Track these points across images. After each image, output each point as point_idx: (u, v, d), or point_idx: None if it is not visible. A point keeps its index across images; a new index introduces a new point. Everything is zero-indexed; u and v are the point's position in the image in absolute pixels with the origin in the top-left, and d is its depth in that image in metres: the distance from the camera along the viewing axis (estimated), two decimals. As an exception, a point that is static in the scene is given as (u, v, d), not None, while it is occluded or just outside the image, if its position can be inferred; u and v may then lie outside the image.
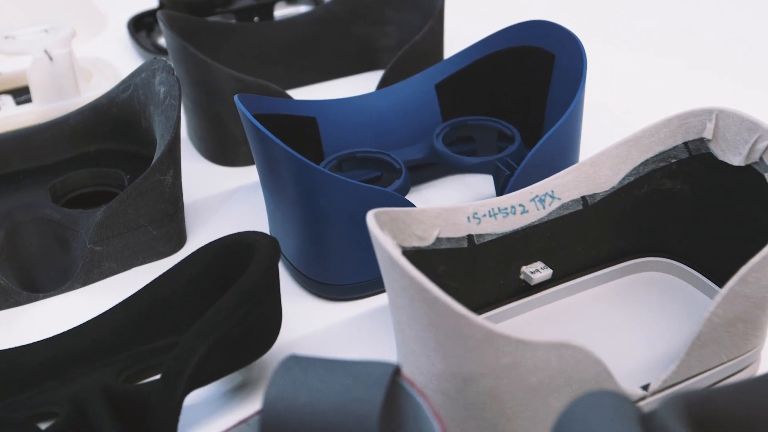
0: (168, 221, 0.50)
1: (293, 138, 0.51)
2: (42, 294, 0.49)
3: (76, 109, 0.55)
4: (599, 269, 0.46)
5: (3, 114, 0.61)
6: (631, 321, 0.44)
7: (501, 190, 0.50)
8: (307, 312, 0.47)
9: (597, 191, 0.44)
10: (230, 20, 0.72)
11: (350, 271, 0.46)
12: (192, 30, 0.63)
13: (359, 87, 0.67)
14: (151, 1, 0.82)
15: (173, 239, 0.51)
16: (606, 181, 0.44)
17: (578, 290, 0.45)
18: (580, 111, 0.49)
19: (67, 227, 0.49)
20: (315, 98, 0.54)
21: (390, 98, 0.55)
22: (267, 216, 0.51)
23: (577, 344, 0.33)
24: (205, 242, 0.43)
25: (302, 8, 0.81)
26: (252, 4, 0.73)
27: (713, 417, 0.27)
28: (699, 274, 0.45)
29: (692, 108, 0.43)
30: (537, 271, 0.43)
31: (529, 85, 0.54)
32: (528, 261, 0.43)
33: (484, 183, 0.56)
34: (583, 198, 0.43)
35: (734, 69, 0.71)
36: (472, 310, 0.40)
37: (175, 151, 0.49)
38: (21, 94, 0.65)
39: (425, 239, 0.40)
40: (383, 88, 0.56)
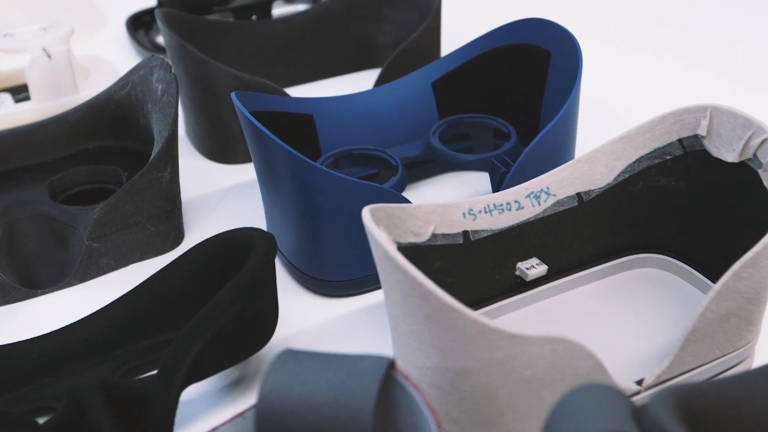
0: (166, 218, 0.51)
1: (290, 135, 0.51)
2: (40, 290, 0.49)
3: (75, 107, 0.55)
4: (594, 265, 0.46)
5: (2, 112, 0.61)
6: (626, 317, 0.44)
7: (497, 187, 0.50)
8: (304, 308, 0.47)
9: (592, 188, 0.44)
10: (228, 18, 0.73)
11: (346, 268, 0.46)
12: (190, 28, 0.63)
13: (357, 85, 0.67)
14: (150, 0, 0.82)
15: (171, 236, 0.52)
16: (601, 178, 0.44)
17: (573, 286, 0.45)
18: (576, 108, 0.49)
19: (66, 224, 0.50)
20: (313, 96, 0.54)
21: (387, 95, 0.55)
22: (264, 213, 0.51)
23: (571, 339, 0.33)
24: (203, 239, 0.44)
25: (300, 6, 0.81)
26: (250, 3, 0.73)
27: (704, 410, 0.27)
28: (693, 271, 0.45)
29: (687, 105, 0.43)
30: (532, 267, 0.43)
31: (526, 83, 0.54)
32: (523, 257, 0.44)
33: (481, 180, 0.56)
34: (579, 194, 0.44)
35: (731, 68, 0.71)
36: (468, 306, 0.41)
37: (173, 148, 0.49)
38: (20, 92, 0.65)
39: (421, 235, 0.40)
40: (380, 86, 0.56)
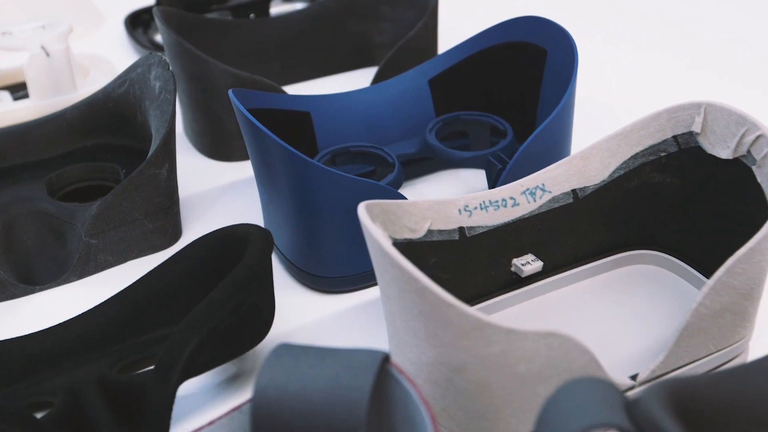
0: (163, 215, 0.51)
1: (287, 132, 0.51)
2: (38, 287, 0.49)
3: (73, 104, 0.55)
4: (589, 262, 0.46)
5: (0, 109, 0.61)
6: (621, 313, 0.44)
7: (493, 184, 0.50)
8: (301, 304, 0.47)
9: (587, 184, 0.44)
10: (226, 17, 0.73)
11: (343, 264, 0.47)
12: (188, 26, 0.63)
13: (354, 83, 0.68)
14: (148, -2, 0.82)
15: (168, 233, 0.52)
16: (596, 175, 0.44)
17: (569, 282, 0.46)
18: (572, 106, 0.49)
19: (64, 220, 0.50)
20: (310, 94, 0.54)
21: (383, 93, 0.55)
22: (261, 209, 0.51)
23: (566, 334, 0.33)
24: (200, 236, 0.44)
25: (298, 5, 0.81)
26: (248, 1, 0.73)
27: (696, 404, 0.27)
28: (688, 267, 0.45)
29: (681, 102, 0.43)
30: (528, 264, 0.44)
31: (522, 81, 0.55)
32: (519, 253, 0.44)
33: (477, 177, 0.57)
34: (574, 191, 0.44)
35: (729, 67, 0.71)
36: (464, 302, 0.41)
37: (170, 145, 0.49)
38: (18, 90, 0.65)
39: (416, 231, 0.40)
40: (377, 83, 0.56)
